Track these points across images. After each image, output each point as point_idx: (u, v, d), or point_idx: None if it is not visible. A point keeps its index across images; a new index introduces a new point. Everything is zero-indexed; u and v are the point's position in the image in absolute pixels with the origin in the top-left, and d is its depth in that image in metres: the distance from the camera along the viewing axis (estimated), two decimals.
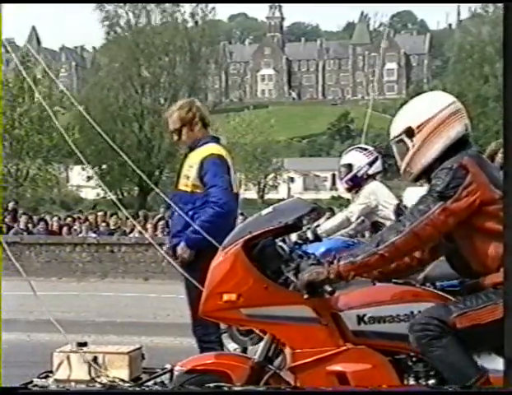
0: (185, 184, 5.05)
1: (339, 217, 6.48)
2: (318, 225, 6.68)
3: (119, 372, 5.17)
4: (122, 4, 47.37)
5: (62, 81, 32.52)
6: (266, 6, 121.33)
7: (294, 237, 6.01)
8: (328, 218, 7.21)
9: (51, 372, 5.34)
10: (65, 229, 16.91)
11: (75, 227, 17.30)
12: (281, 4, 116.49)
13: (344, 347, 3.31)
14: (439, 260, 6.69)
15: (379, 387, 3.25)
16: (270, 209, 3.56)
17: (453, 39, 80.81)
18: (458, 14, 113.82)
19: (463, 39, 48.72)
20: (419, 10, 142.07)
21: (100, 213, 18.90)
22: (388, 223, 6.17)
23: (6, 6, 4.84)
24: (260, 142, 58.63)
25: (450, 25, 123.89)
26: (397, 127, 3.51)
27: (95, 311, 10.03)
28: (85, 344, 5.45)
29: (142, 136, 45.29)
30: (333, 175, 68.05)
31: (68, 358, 5.32)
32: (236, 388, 3.32)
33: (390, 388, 3.26)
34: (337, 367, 3.30)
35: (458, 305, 3.27)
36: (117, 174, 40.21)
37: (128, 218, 16.90)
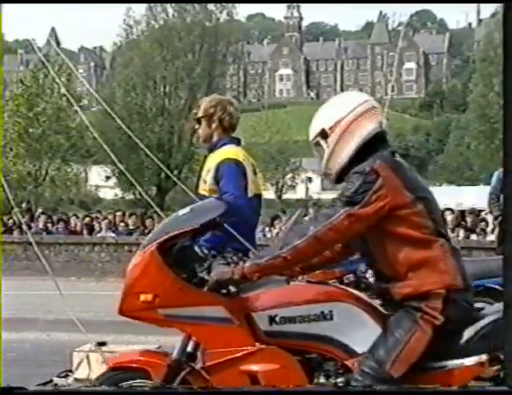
0: (204, 189, 4.98)
1: None
2: None
3: None
4: (140, 4, 47.55)
5: (80, 81, 32.65)
6: (284, 6, 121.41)
7: None
8: None
9: (70, 371, 5.36)
10: (85, 228, 16.99)
11: (95, 227, 17.38)
12: (300, 4, 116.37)
13: (255, 348, 3.35)
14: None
15: (377, 387, 3.25)
16: (187, 209, 3.60)
17: (477, 36, 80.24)
18: (478, 13, 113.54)
19: (487, 35, 48.33)
20: (438, 9, 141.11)
21: (118, 213, 18.98)
22: None
23: (7, 6, 4.83)
24: (278, 142, 58.55)
25: (470, 24, 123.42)
26: (313, 130, 3.50)
27: (114, 311, 10.04)
28: (104, 343, 5.47)
29: (162, 135, 45.36)
30: None
31: (88, 357, 5.35)
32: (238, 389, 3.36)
33: (390, 388, 3.26)
34: (249, 367, 3.33)
35: (382, 352, 3.25)
36: (134, 174, 40.27)
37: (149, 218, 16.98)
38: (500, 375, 3.43)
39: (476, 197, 20.75)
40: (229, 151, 4.95)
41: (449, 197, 23.97)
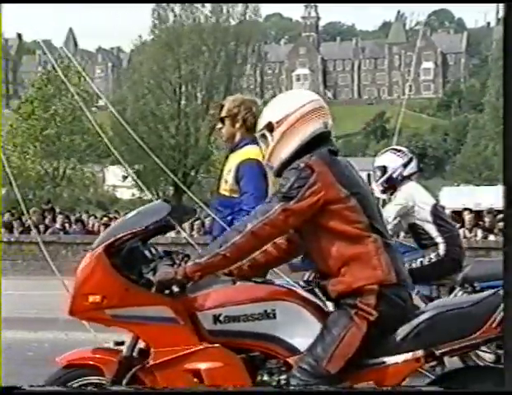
0: (224, 188, 4.97)
1: None
2: None
3: None
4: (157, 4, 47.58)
5: (98, 81, 32.72)
6: (301, 6, 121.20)
7: None
8: None
9: None
10: (102, 228, 17.04)
11: None
12: (317, 4, 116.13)
13: (200, 346, 3.40)
14: (478, 261, 6.60)
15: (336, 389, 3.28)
16: (135, 212, 3.69)
17: (495, 35, 79.58)
18: (497, 12, 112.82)
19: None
20: (456, 8, 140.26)
21: None
22: (425, 225, 6.13)
23: (7, 6, 4.86)
24: None
25: (489, 23, 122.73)
26: (260, 122, 3.58)
27: None
28: (122, 343, 5.48)
29: (179, 136, 45.41)
30: (369, 175, 67.50)
31: None
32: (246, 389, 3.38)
33: (389, 388, 3.29)
34: (193, 365, 3.39)
35: (319, 349, 3.29)
36: (151, 174, 40.33)
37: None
38: (436, 371, 3.45)
39: (494, 197, 20.64)
40: (250, 151, 4.93)
41: (467, 197, 23.90)
